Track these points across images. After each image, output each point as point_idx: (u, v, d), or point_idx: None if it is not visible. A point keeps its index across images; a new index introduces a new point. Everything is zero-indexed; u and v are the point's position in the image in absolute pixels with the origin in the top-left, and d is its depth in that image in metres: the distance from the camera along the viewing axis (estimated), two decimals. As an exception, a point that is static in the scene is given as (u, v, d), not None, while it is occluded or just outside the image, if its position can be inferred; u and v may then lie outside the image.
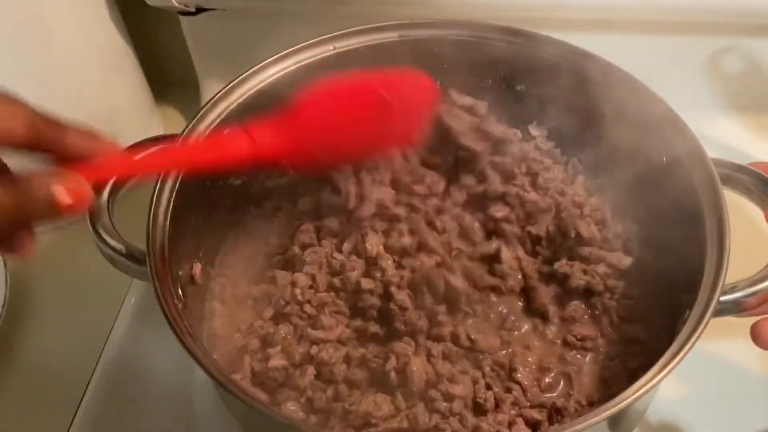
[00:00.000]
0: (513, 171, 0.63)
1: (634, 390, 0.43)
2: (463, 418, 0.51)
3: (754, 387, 0.63)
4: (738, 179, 0.54)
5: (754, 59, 0.79)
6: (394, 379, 0.52)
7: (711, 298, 0.46)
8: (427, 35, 0.65)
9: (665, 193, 0.59)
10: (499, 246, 0.60)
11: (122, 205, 0.56)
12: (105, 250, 0.53)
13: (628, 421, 0.53)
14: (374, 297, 0.57)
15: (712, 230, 0.50)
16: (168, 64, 0.97)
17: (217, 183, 0.64)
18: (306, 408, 0.53)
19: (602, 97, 0.62)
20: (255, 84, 0.62)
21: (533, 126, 0.69)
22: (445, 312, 0.56)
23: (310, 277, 0.59)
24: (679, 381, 0.61)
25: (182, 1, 0.80)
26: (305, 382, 0.53)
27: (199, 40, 0.86)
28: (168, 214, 0.54)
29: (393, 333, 0.56)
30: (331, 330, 0.56)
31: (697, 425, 0.60)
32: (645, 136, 0.60)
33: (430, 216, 0.61)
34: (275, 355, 0.55)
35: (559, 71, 0.63)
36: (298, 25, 0.80)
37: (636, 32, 0.78)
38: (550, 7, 0.74)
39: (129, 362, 0.67)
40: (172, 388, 0.65)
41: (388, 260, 0.58)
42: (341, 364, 0.53)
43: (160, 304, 0.48)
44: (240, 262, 0.65)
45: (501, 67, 0.66)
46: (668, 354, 0.45)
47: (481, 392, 0.52)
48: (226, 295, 0.63)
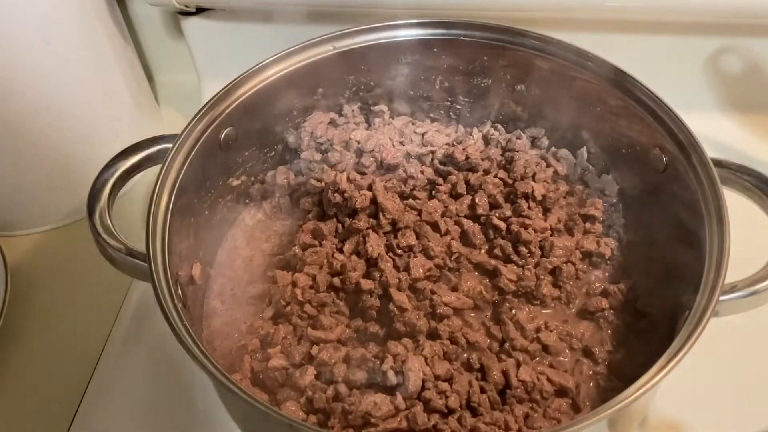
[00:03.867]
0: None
1: (634, 390, 0.43)
2: (462, 418, 0.51)
3: (754, 387, 0.63)
4: (738, 179, 0.54)
5: (754, 59, 0.79)
6: (393, 379, 0.52)
7: (711, 298, 0.46)
8: (427, 35, 0.66)
9: (666, 193, 0.59)
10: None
11: (122, 205, 0.56)
12: (105, 250, 0.53)
13: (628, 421, 0.53)
14: (374, 298, 0.57)
15: (712, 230, 0.50)
16: (168, 64, 0.97)
17: (217, 183, 0.64)
18: (306, 408, 0.53)
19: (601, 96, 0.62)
20: (255, 84, 0.62)
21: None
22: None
23: (311, 277, 0.60)
24: (679, 381, 0.61)
25: (182, 1, 0.80)
26: (305, 382, 0.53)
27: (199, 40, 0.86)
28: (168, 214, 0.54)
29: (392, 333, 0.56)
30: (331, 330, 0.56)
31: (697, 425, 0.60)
32: (645, 135, 0.60)
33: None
34: (275, 355, 0.55)
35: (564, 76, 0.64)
36: (298, 25, 0.81)
37: (636, 32, 0.78)
38: (550, 7, 0.74)
39: (129, 362, 0.67)
40: (172, 388, 0.65)
41: (388, 262, 0.58)
42: (341, 364, 0.54)
43: (160, 304, 0.48)
44: (240, 262, 0.65)
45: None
46: (668, 354, 0.45)
47: (476, 396, 0.52)
48: (226, 295, 0.63)
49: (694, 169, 0.54)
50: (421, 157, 0.69)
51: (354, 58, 0.66)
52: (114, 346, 0.68)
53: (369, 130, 0.71)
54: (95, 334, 0.69)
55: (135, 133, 0.83)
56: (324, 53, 0.64)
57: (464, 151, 0.67)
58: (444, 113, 0.73)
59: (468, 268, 0.61)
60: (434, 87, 0.71)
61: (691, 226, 0.54)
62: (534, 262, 0.60)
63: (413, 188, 0.66)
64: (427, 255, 0.60)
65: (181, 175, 0.56)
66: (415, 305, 0.57)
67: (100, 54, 0.76)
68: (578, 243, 0.62)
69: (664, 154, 0.58)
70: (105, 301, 0.72)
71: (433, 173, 0.68)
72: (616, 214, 0.65)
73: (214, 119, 0.60)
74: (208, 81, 0.89)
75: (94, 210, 0.54)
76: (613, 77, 0.60)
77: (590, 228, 0.63)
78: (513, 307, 0.59)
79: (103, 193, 0.55)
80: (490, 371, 0.54)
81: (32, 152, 0.74)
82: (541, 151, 0.70)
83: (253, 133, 0.65)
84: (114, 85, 0.79)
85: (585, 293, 0.61)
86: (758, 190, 0.53)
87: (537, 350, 0.56)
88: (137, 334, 0.69)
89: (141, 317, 0.70)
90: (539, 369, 0.55)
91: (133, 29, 0.92)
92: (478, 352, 0.56)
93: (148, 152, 0.58)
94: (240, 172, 0.67)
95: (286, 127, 0.69)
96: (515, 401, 0.53)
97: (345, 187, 0.63)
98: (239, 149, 0.65)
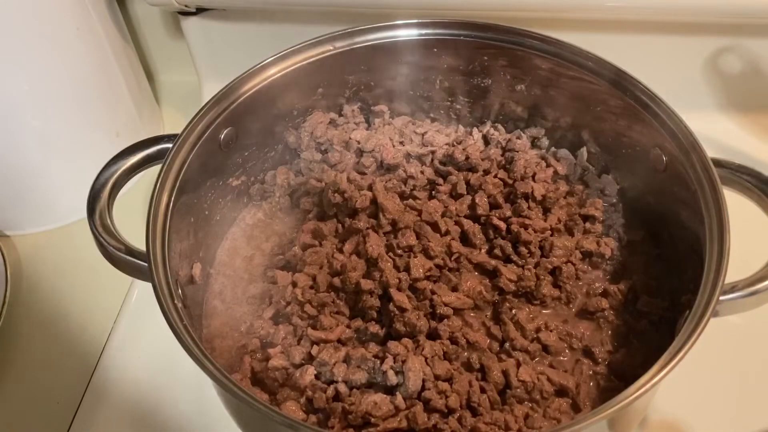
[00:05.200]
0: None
1: (634, 390, 0.43)
2: (462, 418, 0.51)
3: (754, 387, 0.63)
4: (738, 179, 0.54)
5: (754, 59, 0.79)
6: (393, 379, 0.52)
7: (711, 298, 0.46)
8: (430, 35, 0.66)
9: (666, 193, 0.59)
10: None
11: (122, 205, 0.56)
12: (105, 250, 0.53)
13: (628, 421, 0.53)
14: (374, 298, 0.57)
15: (712, 230, 0.50)
16: (168, 64, 0.97)
17: (217, 183, 0.64)
18: (306, 408, 0.53)
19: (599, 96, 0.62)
20: (255, 84, 0.62)
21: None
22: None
23: (311, 277, 0.59)
24: (679, 381, 0.61)
25: (182, 1, 0.80)
26: (305, 382, 0.53)
27: (199, 40, 0.86)
28: (168, 214, 0.54)
29: (392, 333, 0.56)
30: (331, 330, 0.56)
31: (697, 425, 0.60)
32: (645, 136, 0.60)
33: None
34: (275, 355, 0.55)
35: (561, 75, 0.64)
36: (298, 25, 0.81)
37: (636, 32, 0.78)
38: (550, 7, 0.74)
39: (129, 362, 0.67)
40: (172, 389, 0.65)
41: (388, 262, 0.58)
42: (341, 364, 0.54)
43: (160, 304, 0.48)
44: (240, 261, 0.65)
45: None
46: (668, 354, 0.45)
47: (476, 396, 0.52)
48: (226, 294, 0.63)
49: (694, 169, 0.54)
50: (421, 157, 0.69)
51: (354, 58, 0.66)
52: (114, 346, 0.68)
53: (369, 130, 0.72)
54: (95, 334, 0.69)
55: (135, 133, 0.83)
56: (324, 53, 0.64)
57: (464, 151, 0.67)
58: (444, 113, 0.73)
59: (468, 268, 0.61)
60: (434, 87, 0.71)
61: (691, 226, 0.54)
62: (534, 262, 0.60)
63: (413, 188, 0.66)
64: (427, 255, 0.60)
65: (181, 175, 0.56)
66: (415, 305, 0.56)
67: (100, 54, 0.76)
68: (578, 243, 0.62)
69: (664, 154, 0.58)
70: (105, 301, 0.72)
71: (433, 173, 0.68)
72: (616, 214, 0.65)
73: (214, 119, 0.60)
74: (208, 81, 0.89)
75: (94, 210, 0.54)
76: (613, 77, 0.60)
77: (590, 228, 0.63)
78: (513, 307, 0.59)
79: (103, 193, 0.55)
80: (490, 371, 0.54)
81: (32, 152, 0.74)
82: (541, 151, 0.70)
83: (253, 133, 0.65)
84: (114, 85, 0.80)
85: (585, 293, 0.61)
86: (758, 190, 0.53)
87: (537, 350, 0.56)
88: (137, 334, 0.69)
89: (141, 317, 0.70)
90: (539, 369, 0.55)
91: (133, 29, 0.92)
92: (478, 352, 0.56)
93: (148, 152, 0.58)
94: (240, 172, 0.67)
95: (286, 127, 0.69)
96: (515, 401, 0.53)
97: (345, 187, 0.63)
98: (239, 149, 0.65)
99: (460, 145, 0.69)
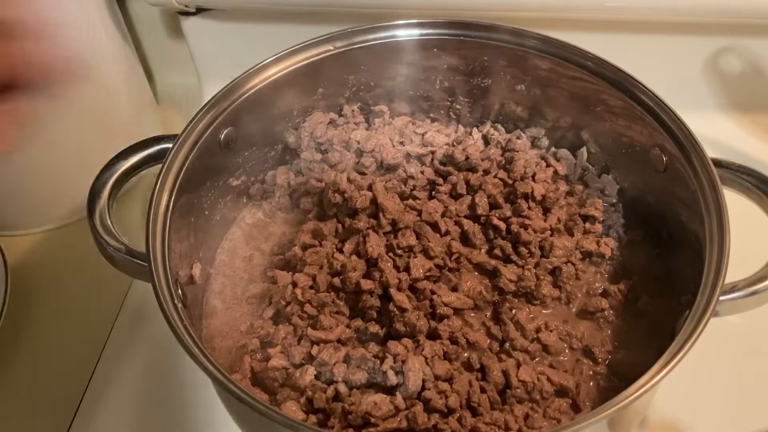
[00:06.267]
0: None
1: (634, 390, 0.43)
2: (462, 418, 0.51)
3: (754, 387, 0.63)
4: (738, 179, 0.54)
5: (753, 59, 0.79)
6: (393, 379, 0.52)
7: (711, 298, 0.46)
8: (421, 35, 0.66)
9: (666, 193, 0.59)
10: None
11: (122, 205, 0.56)
12: (105, 250, 0.53)
13: (628, 421, 0.53)
14: (374, 298, 0.57)
15: (712, 230, 0.50)
16: (168, 64, 0.97)
17: (217, 183, 0.64)
18: (306, 408, 0.53)
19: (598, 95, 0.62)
20: (255, 84, 0.62)
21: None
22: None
23: (311, 277, 0.59)
24: (679, 381, 0.61)
25: (182, 1, 0.80)
26: (305, 382, 0.53)
27: (199, 40, 0.86)
28: (168, 214, 0.54)
29: (392, 333, 0.56)
30: (331, 330, 0.56)
31: (697, 425, 0.60)
32: (645, 136, 0.60)
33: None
34: (275, 355, 0.55)
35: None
36: (298, 25, 0.81)
37: (636, 32, 0.78)
38: (550, 7, 0.74)
39: (129, 362, 0.67)
40: (172, 388, 0.65)
41: (388, 262, 0.58)
42: (341, 364, 0.53)
43: (160, 304, 0.48)
44: (240, 261, 0.65)
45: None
46: (668, 354, 0.45)
47: (476, 396, 0.52)
48: (226, 294, 0.63)
49: (694, 169, 0.54)
50: (421, 157, 0.69)
51: (354, 58, 0.66)
52: (114, 346, 0.68)
53: (369, 130, 0.71)
54: (95, 334, 0.69)
55: (135, 133, 0.82)
56: (324, 53, 0.64)
57: (464, 151, 0.67)
58: (444, 113, 0.73)
59: (468, 268, 0.61)
60: (434, 87, 0.71)
61: (691, 226, 0.55)
62: (534, 262, 0.60)
63: (413, 188, 0.66)
64: (427, 255, 0.60)
65: (181, 175, 0.56)
66: (415, 305, 0.56)
67: (99, 54, 0.76)
68: (578, 243, 0.62)
69: (664, 154, 0.58)
70: (105, 301, 0.72)
71: (433, 173, 0.68)
72: (616, 214, 0.65)
73: (214, 119, 0.60)
74: (208, 81, 0.89)
75: (94, 210, 0.54)
76: (613, 77, 0.60)
77: (590, 228, 0.63)
78: (513, 307, 0.59)
79: (103, 193, 0.55)
80: (490, 371, 0.54)
81: (32, 152, 0.74)
82: (541, 151, 0.70)
83: (253, 133, 0.65)
84: (114, 85, 0.79)
85: (585, 293, 0.61)
86: (758, 190, 0.53)
87: (537, 350, 0.56)
88: (137, 334, 0.69)
89: (141, 317, 0.70)
90: (539, 369, 0.55)
91: (133, 29, 0.92)
92: (478, 352, 0.56)
93: (148, 152, 0.58)
94: (240, 172, 0.67)
95: (286, 127, 0.69)
96: (515, 401, 0.53)
97: (345, 187, 0.63)
98: (239, 149, 0.65)
99: (460, 145, 0.69)
